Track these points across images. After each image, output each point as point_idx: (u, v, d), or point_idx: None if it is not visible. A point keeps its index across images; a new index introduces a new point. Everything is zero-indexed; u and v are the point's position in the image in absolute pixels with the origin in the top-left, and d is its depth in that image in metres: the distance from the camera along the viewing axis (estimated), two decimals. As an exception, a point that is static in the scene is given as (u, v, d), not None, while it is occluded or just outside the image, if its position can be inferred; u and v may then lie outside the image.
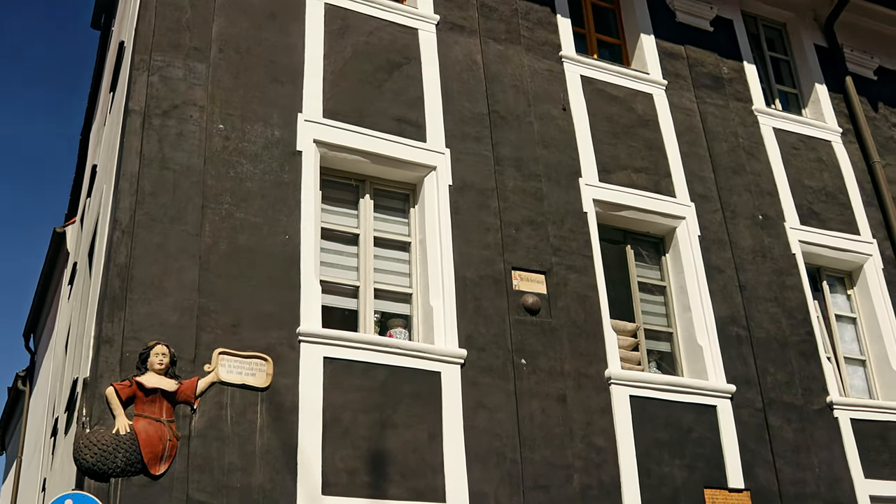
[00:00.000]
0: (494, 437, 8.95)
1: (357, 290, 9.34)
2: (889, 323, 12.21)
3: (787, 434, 10.61)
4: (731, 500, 9.93)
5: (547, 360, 9.51)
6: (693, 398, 10.17)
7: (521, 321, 9.55)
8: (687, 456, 9.87)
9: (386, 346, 8.78)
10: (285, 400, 8.19)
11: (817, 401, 11.03)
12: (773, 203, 12.09)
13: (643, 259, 11.24)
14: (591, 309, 10.02)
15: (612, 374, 9.73)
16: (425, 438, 8.64)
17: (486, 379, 9.13)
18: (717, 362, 10.50)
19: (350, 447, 8.29)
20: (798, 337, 11.29)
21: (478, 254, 9.67)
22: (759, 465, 10.27)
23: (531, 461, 9.01)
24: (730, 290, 11.08)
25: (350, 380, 8.53)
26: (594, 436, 9.44)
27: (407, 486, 8.40)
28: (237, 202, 8.76)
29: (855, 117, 13.71)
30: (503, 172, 10.27)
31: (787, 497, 10.27)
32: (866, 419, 11.30)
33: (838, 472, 10.78)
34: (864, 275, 12.55)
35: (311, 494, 7.96)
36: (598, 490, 9.24)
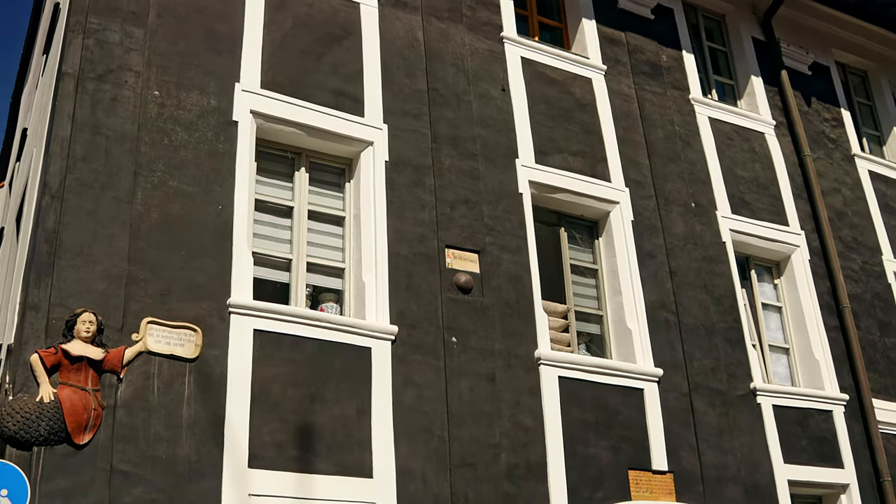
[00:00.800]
0: (423, 414, 8.97)
1: (289, 264, 9.29)
2: (813, 313, 12.45)
3: (710, 418, 10.79)
4: (654, 482, 10.08)
5: (477, 339, 9.55)
6: (621, 381, 10.28)
7: (453, 299, 9.57)
8: (613, 437, 9.99)
9: (317, 321, 8.75)
10: (214, 371, 8.13)
11: (741, 387, 11.22)
12: (705, 191, 12.25)
13: (576, 242, 11.32)
14: (523, 289, 10.08)
15: (542, 355, 9.80)
16: (354, 414, 8.63)
17: (417, 356, 9.15)
18: (646, 346, 10.63)
19: (278, 420, 8.25)
20: (725, 324, 11.47)
21: (412, 231, 9.67)
22: (682, 448, 10.43)
23: (459, 439, 9.05)
24: (660, 276, 11.21)
25: (280, 353, 8.48)
26: (522, 415, 9.51)
27: (334, 460, 8.39)
28: (170, 170, 8.64)
29: (788, 111, 13.92)
30: (440, 150, 10.27)
31: (708, 480, 10.45)
32: (787, 406, 11.54)
33: (759, 456, 10.99)
34: (791, 265, 12.78)
35: (238, 467, 7.91)
36: (525, 469, 9.31)
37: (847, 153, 14.62)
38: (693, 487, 10.33)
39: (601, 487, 9.71)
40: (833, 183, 14.00)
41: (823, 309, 12.61)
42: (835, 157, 14.34)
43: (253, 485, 7.93)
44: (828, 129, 14.54)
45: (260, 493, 7.94)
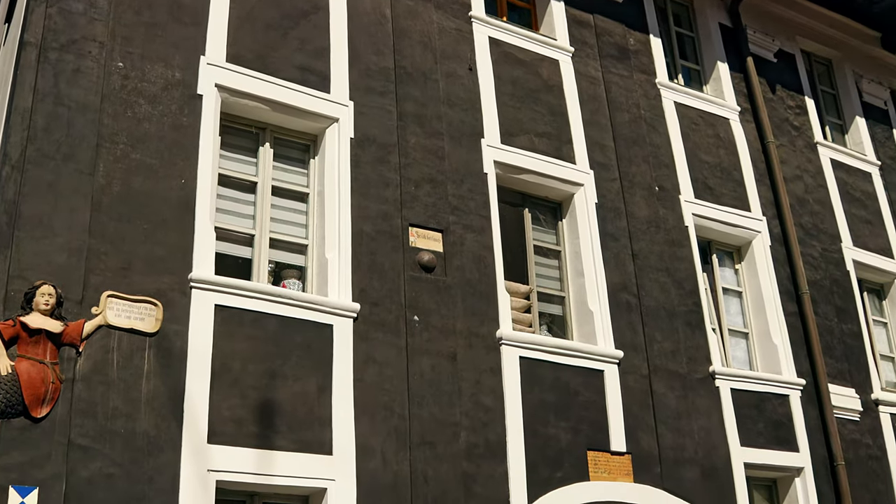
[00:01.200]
0: (383, 392, 8.98)
1: (252, 239, 9.23)
2: (773, 298, 12.57)
3: (669, 401, 10.88)
4: (612, 463, 10.16)
5: (439, 318, 9.56)
6: (581, 362, 10.35)
7: (415, 278, 9.58)
8: (572, 418, 10.05)
9: (279, 297, 8.72)
10: (174, 346, 8.09)
11: (700, 370, 11.32)
12: (669, 175, 12.31)
13: (540, 223, 11.35)
14: (486, 269, 10.10)
15: (504, 335, 9.84)
16: (314, 391, 8.63)
17: (378, 334, 9.14)
18: (607, 328, 10.69)
19: (238, 396, 8.23)
20: (686, 307, 11.56)
21: (376, 208, 9.65)
22: (641, 430, 10.52)
23: (419, 417, 9.07)
24: (623, 258, 11.27)
25: (241, 329, 8.45)
26: (482, 395, 9.55)
27: (294, 437, 8.38)
28: (133, 143, 8.56)
29: (753, 97, 14.00)
30: (406, 129, 10.24)
31: (666, 461, 10.55)
32: (745, 389, 11.66)
33: (716, 439, 11.11)
34: (752, 251, 12.88)
35: (197, 442, 7.88)
36: (484, 448, 9.35)
37: (810, 141, 14.74)
38: (651, 468, 10.43)
39: (560, 467, 9.78)
40: (795, 170, 14.12)
41: (783, 294, 12.73)
42: (798, 144, 14.46)
43: (212, 460, 7.91)
44: (791, 117, 14.66)
45: (219, 469, 7.92)
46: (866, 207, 15.03)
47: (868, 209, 15.04)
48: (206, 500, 7.78)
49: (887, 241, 14.97)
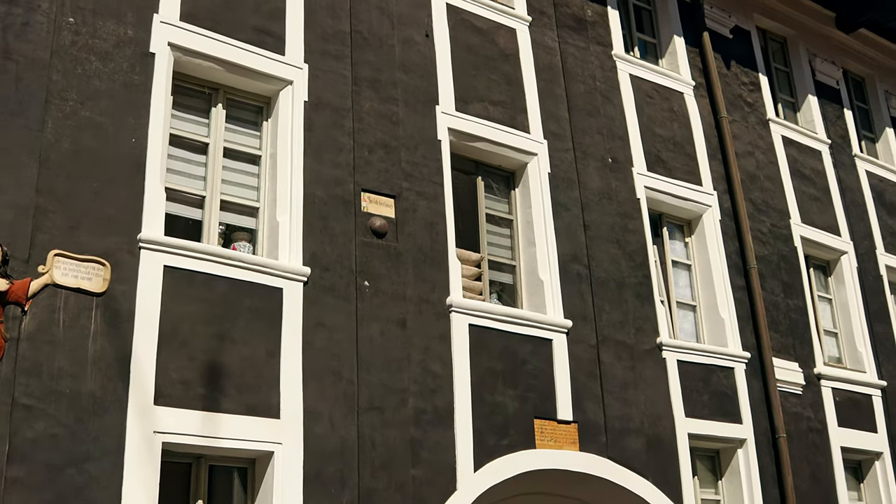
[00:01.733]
0: (332, 356, 8.98)
1: (203, 201, 9.15)
2: (721, 272, 12.69)
3: (617, 371, 10.99)
4: (559, 431, 10.25)
5: (390, 284, 9.56)
6: (530, 331, 10.41)
7: (366, 243, 9.56)
8: (520, 386, 10.12)
9: (229, 259, 8.66)
10: (121, 307, 8.01)
11: (648, 341, 11.43)
12: (622, 147, 12.36)
13: (493, 191, 11.36)
14: (438, 236, 10.10)
15: (454, 302, 9.86)
16: (263, 354, 8.60)
17: (328, 299, 9.13)
18: (557, 297, 10.76)
19: (186, 358, 8.18)
20: (635, 279, 11.65)
21: (328, 173, 9.60)
22: (588, 399, 10.62)
23: (367, 383, 9.09)
24: (574, 229, 11.32)
25: (190, 290, 8.39)
26: (431, 361, 9.58)
27: (242, 400, 8.36)
28: (83, 100, 8.42)
29: (708, 72, 14.08)
30: (360, 93, 10.18)
31: (612, 431, 10.67)
32: (692, 361, 11.80)
33: (661, 409, 11.24)
34: (702, 224, 12.99)
35: (143, 403, 7.84)
36: (432, 415, 9.40)
37: (762, 117, 14.87)
38: (596, 438, 10.54)
39: (507, 435, 9.85)
40: (747, 146, 14.24)
41: (731, 268, 12.87)
42: (750, 120, 14.58)
43: (158, 422, 7.87)
44: (745, 93, 14.76)
45: (165, 431, 7.88)
46: (815, 185, 15.21)
47: (817, 187, 15.23)
48: (151, 462, 7.74)
49: (834, 219, 15.18)
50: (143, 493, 7.64)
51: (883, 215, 16.26)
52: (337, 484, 8.66)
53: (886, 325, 15.19)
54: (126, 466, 7.62)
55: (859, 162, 16.34)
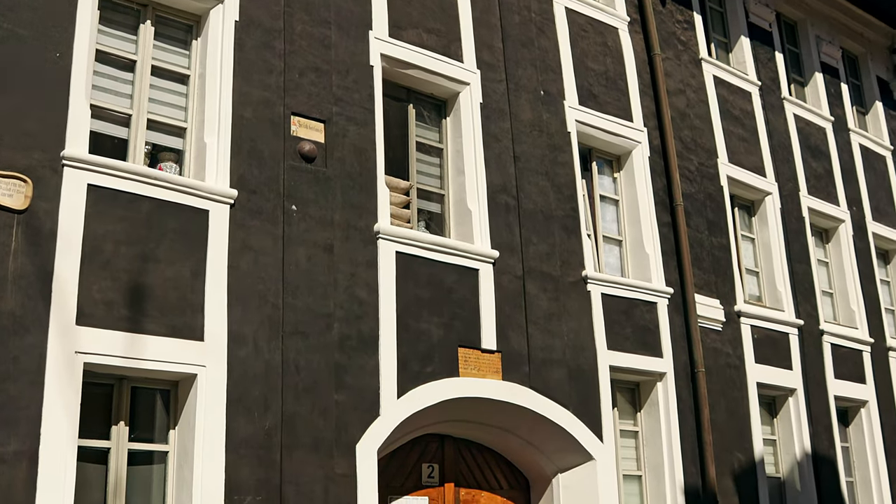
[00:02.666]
0: (258, 280, 8.94)
1: (129, 119, 8.98)
2: (648, 208, 12.83)
3: (541, 302, 11.10)
4: (482, 360, 10.35)
5: (318, 209, 9.51)
6: (457, 260, 10.45)
7: (295, 167, 9.48)
8: (445, 315, 10.19)
9: (154, 179, 8.52)
10: (43, 225, 7.86)
11: (573, 273, 11.55)
12: (555, 80, 12.36)
13: (424, 120, 11.32)
14: (367, 163, 10.05)
15: (381, 229, 9.85)
16: (188, 276, 8.53)
17: (255, 222, 9.06)
18: (484, 228, 10.80)
19: (109, 278, 8.08)
20: (563, 212, 11.73)
21: (258, 94, 9.46)
22: (512, 329, 10.73)
23: (293, 307, 9.08)
24: (504, 160, 11.34)
25: (114, 210, 8.25)
26: (357, 287, 9.58)
27: (165, 322, 8.30)
28: (4, 11, 8.13)
29: (643, 8, 14.08)
30: (293, 15, 10.01)
31: (535, 361, 10.81)
32: (616, 295, 11.96)
33: (584, 341, 11.40)
34: (631, 160, 13.09)
35: (65, 323, 7.75)
36: (357, 340, 9.43)
37: (695, 56, 14.95)
38: (519, 367, 10.67)
39: (431, 362, 9.93)
40: (679, 84, 14.32)
41: (658, 205, 13.02)
42: (683, 59, 14.65)
43: (80, 342, 7.79)
44: (679, 31, 14.81)
45: (87, 351, 7.81)
46: (744, 126, 15.38)
47: (745, 128, 15.40)
48: (72, 382, 7.68)
49: (761, 160, 15.39)
50: (64, 413, 7.58)
51: (808, 158, 16.53)
52: (260, 407, 8.67)
53: (806, 265, 15.51)
54: (46, 387, 7.54)
55: (788, 105, 16.54)
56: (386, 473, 10.23)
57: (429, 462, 10.77)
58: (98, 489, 8.09)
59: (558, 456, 11.20)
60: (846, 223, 16.84)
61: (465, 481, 11.07)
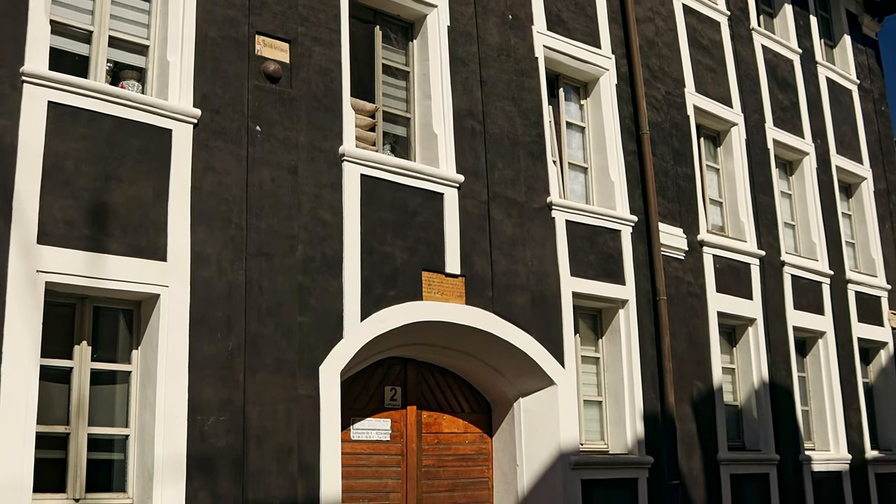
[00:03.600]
0: (222, 201, 8.88)
1: (90, 36, 8.81)
2: (614, 136, 12.82)
3: (506, 228, 11.13)
4: (446, 284, 10.39)
5: (282, 130, 9.43)
6: (422, 184, 10.43)
7: (260, 87, 9.37)
8: (410, 238, 10.20)
9: (116, 97, 8.39)
10: (2, 142, 7.74)
11: (538, 199, 11.58)
12: (523, 5, 12.24)
13: (391, 42, 11.20)
14: (333, 84, 9.95)
15: (346, 152, 9.79)
16: (150, 196, 8.46)
17: (219, 142, 8.97)
18: (450, 152, 10.77)
19: (70, 197, 7.99)
20: (529, 137, 11.71)
21: (222, 13, 9.30)
22: (476, 254, 10.76)
23: (256, 228, 9.04)
24: (471, 84, 11.27)
25: (75, 128, 8.14)
26: (321, 209, 9.56)
27: (127, 241, 8.25)
28: (-41, -79, 7.98)
29: (613, -65, 13.94)
30: (258, -69, 9.85)
31: (498, 286, 10.87)
32: (580, 222, 12.01)
33: (548, 267, 11.47)
34: (598, 88, 13.05)
35: (26, 242, 7.68)
36: (321, 262, 9.43)
37: (664, -16, 14.86)
38: (483, 292, 10.73)
39: (395, 286, 9.96)
40: (648, 12, 14.24)
41: (624, 133, 13.02)
42: (653, -14, 14.56)
43: (42, 261, 7.74)
44: (648, -42, 14.70)
45: (49, 270, 7.75)
46: (712, 56, 15.36)
47: (713, 58, 15.38)
48: (34, 301, 7.64)
49: (728, 91, 15.40)
50: (27, 332, 7.55)
51: (774, 90, 16.56)
52: (223, 328, 8.68)
53: (769, 197, 15.63)
54: (8, 305, 7.51)
55: (756, 36, 16.52)
56: (349, 395, 10.31)
57: (391, 385, 10.85)
58: (61, 408, 8.09)
59: (520, 380, 11.32)
60: (810, 156, 16.95)
61: (428, 404, 11.18)
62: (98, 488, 8.16)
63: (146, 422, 8.26)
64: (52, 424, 7.96)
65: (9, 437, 7.36)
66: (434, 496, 11.01)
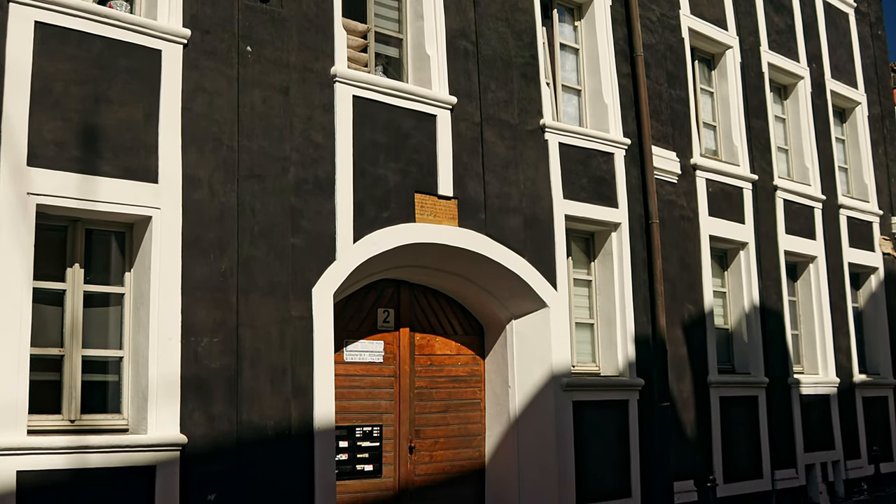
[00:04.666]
0: (213, 122, 8.82)
1: (76, -46, 8.68)
2: (608, 58, 12.69)
3: (499, 150, 11.08)
4: (438, 206, 10.38)
5: (273, 51, 9.33)
6: (415, 105, 10.37)
7: (250, 7, 9.23)
8: (402, 160, 10.15)
9: (105, 17, 8.26)
10: (-10, 63, 7.68)
11: (531, 122, 11.51)
12: (517, -75, 12.07)
13: (382, -39, 11.07)
14: (324, 4, 9.81)
15: (338, 73, 9.70)
16: (140, 117, 8.39)
17: (209, 63, 8.87)
18: (443, 73, 10.68)
19: (60, 119, 7.92)
20: (522, 59, 11.61)
21: (211, -69, 9.16)
22: (469, 177, 10.73)
23: (248, 150, 8.99)
24: (464, 4, 11.13)
25: (63, 49, 8.03)
26: (313, 131, 9.50)
27: (118, 163, 8.20)
28: None
29: None
30: None
31: (490, 209, 10.86)
32: (573, 145, 11.95)
33: (541, 190, 11.45)
34: (592, 9, 12.88)
35: (16, 164, 7.63)
36: (313, 184, 9.40)
37: None
38: (475, 214, 10.72)
39: (387, 208, 9.94)
40: (642, -69, 14.02)
41: (618, 55, 12.90)
42: None
43: (32, 183, 7.69)
44: None
45: (39, 193, 7.71)
46: (707, -23, 15.20)
47: (708, -21, 15.22)
48: (25, 223, 7.62)
49: (723, 13, 15.24)
50: (19, 255, 7.54)
51: (770, 12, 16.40)
52: (216, 250, 8.68)
53: (763, 121, 15.56)
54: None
55: (752, -44, 16.33)
56: (342, 317, 10.35)
57: (384, 307, 10.89)
58: (55, 331, 8.11)
59: (512, 303, 11.37)
60: (805, 80, 16.85)
61: (421, 326, 11.23)
62: (93, 410, 8.21)
63: (140, 344, 8.28)
64: (46, 347, 7.98)
65: (3, 359, 7.40)
66: (427, 417, 11.11)
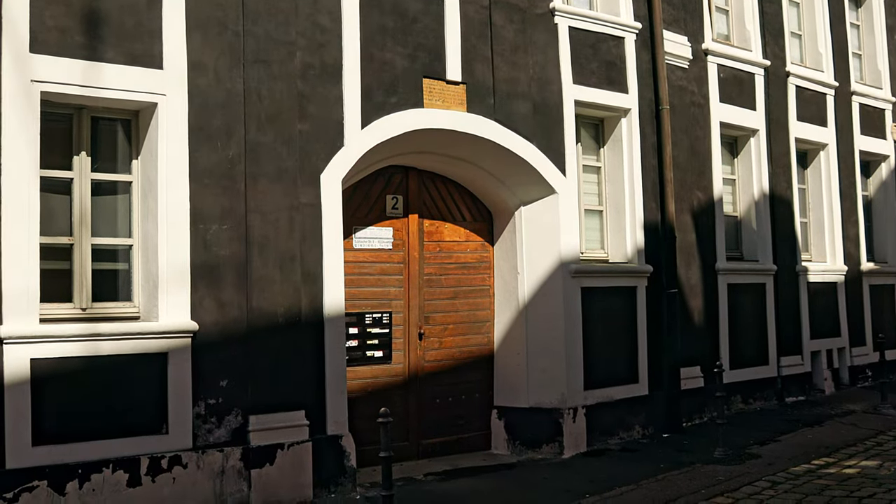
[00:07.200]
0: (217, 6, 8.66)
1: None
2: (619, -61, 12.44)
3: (507, 33, 10.90)
4: (447, 91, 10.27)
5: (276, -70, 9.14)
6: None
7: None
8: (410, 45, 10.01)
9: None
10: (-13, -55, 7.51)
11: (541, 5, 11.30)
12: None
13: None
14: None
15: (344, -46, 9.52)
16: (143, 1, 8.24)
17: (210, -42, 8.68)
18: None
19: (62, 4, 7.79)
20: (532, -60, 11.37)
21: None
22: (477, 61, 10.59)
23: (254, 34, 8.85)
24: None
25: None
26: (320, 15, 9.33)
27: (123, 49, 8.09)
28: None
29: None
30: None
31: (499, 94, 10.74)
32: (583, 28, 11.75)
33: (550, 75, 11.30)
34: None
35: (18, 51, 7.54)
36: (320, 70, 9.28)
37: None
38: (484, 100, 10.61)
39: (395, 93, 9.84)
40: None
41: (629, -64, 12.61)
42: None
43: (36, 71, 7.63)
44: None
45: (43, 80, 7.66)
46: None
47: None
48: (30, 111, 7.58)
49: None
50: (24, 143, 7.53)
51: None
52: (223, 136, 8.62)
53: (776, 5, 15.28)
54: (4, 117, 7.47)
55: None
56: (350, 204, 10.32)
57: (393, 194, 10.85)
58: (64, 219, 8.12)
59: (521, 189, 11.32)
60: (820, -38, 16.51)
61: (429, 213, 11.20)
62: (104, 298, 8.27)
63: (149, 232, 8.30)
64: (55, 236, 8.00)
65: (13, 248, 7.45)
66: (436, 303, 11.16)
